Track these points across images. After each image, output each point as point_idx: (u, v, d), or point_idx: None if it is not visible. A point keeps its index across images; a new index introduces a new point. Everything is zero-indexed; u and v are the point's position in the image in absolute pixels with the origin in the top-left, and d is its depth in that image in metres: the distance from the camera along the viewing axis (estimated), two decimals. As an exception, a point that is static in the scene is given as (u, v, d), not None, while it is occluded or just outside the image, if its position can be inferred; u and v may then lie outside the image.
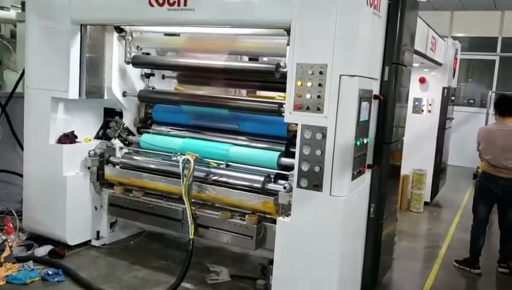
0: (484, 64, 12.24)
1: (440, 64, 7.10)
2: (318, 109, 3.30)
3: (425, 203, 7.33)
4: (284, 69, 3.84)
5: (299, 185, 3.43)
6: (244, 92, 5.50)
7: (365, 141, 3.56)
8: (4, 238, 4.42)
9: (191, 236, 4.03)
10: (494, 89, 11.46)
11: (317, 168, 3.33)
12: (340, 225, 3.34)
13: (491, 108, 10.22)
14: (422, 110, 7.41)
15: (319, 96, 3.29)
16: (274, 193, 3.86)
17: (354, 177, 3.43)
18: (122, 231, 4.97)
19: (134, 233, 5.06)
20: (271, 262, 3.72)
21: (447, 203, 7.87)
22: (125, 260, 4.48)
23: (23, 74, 4.91)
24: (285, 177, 3.98)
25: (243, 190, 4.03)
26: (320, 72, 3.26)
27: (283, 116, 4.04)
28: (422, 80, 7.34)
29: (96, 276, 4.11)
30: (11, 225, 4.71)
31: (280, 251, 3.56)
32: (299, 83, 3.35)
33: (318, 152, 3.32)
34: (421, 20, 4.98)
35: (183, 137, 4.67)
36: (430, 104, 7.38)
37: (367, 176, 3.77)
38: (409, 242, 5.70)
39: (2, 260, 3.97)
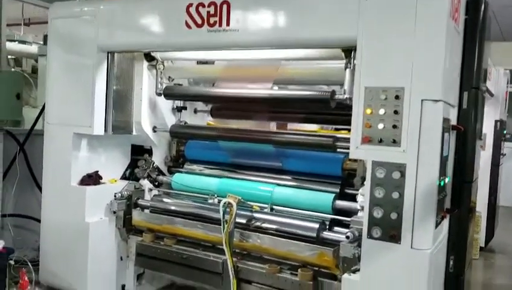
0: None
1: (492, 95, 6.52)
2: (394, 142, 2.72)
3: (480, 249, 6.63)
4: (340, 96, 3.30)
5: (370, 236, 2.81)
6: (273, 125, 4.96)
7: (446, 180, 2.97)
8: (19, 294, 3.91)
9: (233, 294, 3.44)
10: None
11: (394, 215, 2.73)
12: (425, 285, 2.69)
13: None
14: (474, 146, 6.79)
15: (394, 126, 2.72)
16: (330, 243, 3.26)
17: (436, 225, 2.82)
18: (150, 284, 4.38)
19: (163, 286, 4.45)
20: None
21: (502, 249, 7.14)
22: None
23: (43, 109, 4.50)
24: (341, 224, 3.41)
25: (292, 239, 3.43)
26: (396, 97, 2.70)
27: (338, 152, 3.57)
28: (472, 113, 6.74)
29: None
30: (26, 279, 4.16)
31: (347, 316, 2.92)
32: (368, 111, 2.79)
33: (395, 195, 2.72)
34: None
35: (220, 177, 4.14)
36: (481, 139, 6.75)
37: (445, 222, 3.15)
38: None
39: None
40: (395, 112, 2.72)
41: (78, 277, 3.98)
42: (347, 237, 3.02)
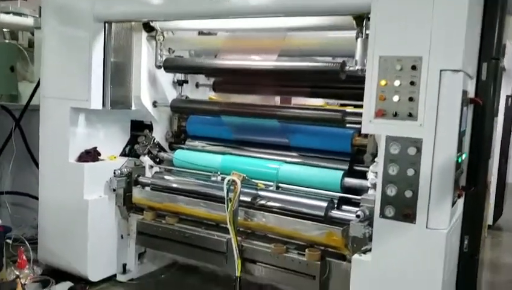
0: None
1: (504, 70, 6.29)
2: (410, 115, 2.55)
3: (488, 227, 6.50)
4: (351, 67, 3.11)
5: (382, 215, 2.66)
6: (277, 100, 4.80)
7: (463, 156, 2.80)
8: (17, 273, 3.79)
9: (238, 273, 3.32)
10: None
11: (408, 193, 2.57)
12: (441, 267, 2.55)
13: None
14: (483, 121, 6.59)
15: (411, 99, 2.54)
16: (339, 222, 3.14)
17: (453, 204, 2.66)
18: (152, 263, 4.30)
19: (165, 265, 4.38)
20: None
21: (510, 227, 7.00)
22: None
23: (39, 83, 4.32)
24: (350, 203, 3.28)
25: (299, 218, 3.30)
26: (413, 67, 2.52)
27: (347, 127, 3.40)
28: (482, 88, 6.52)
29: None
30: (24, 257, 4.05)
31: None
32: (382, 82, 2.61)
33: (410, 172, 2.56)
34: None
35: (223, 153, 3.99)
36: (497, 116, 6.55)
37: (460, 200, 3.00)
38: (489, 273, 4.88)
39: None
40: (412, 84, 2.53)
41: (78, 255, 3.88)
42: (357, 216, 2.87)
